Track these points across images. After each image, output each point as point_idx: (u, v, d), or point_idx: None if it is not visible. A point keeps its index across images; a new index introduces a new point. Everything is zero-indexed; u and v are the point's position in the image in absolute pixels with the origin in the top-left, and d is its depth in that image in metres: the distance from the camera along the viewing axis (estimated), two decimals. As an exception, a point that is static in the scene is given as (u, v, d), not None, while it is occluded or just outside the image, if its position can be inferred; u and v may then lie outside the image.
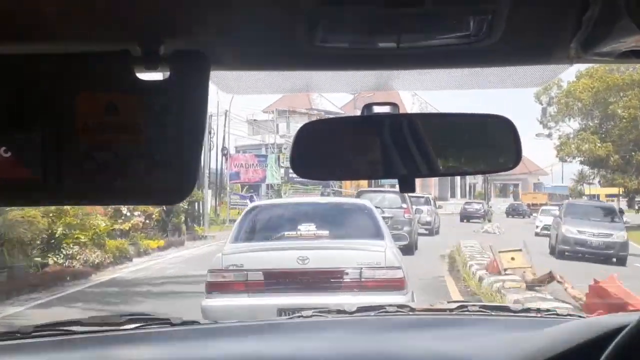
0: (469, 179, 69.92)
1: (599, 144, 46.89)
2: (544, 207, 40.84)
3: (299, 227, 8.79)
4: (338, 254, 8.22)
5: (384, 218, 23.05)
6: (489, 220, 47.38)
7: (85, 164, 1.24)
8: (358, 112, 1.51)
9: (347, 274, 7.99)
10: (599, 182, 56.97)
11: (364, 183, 31.07)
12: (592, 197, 54.09)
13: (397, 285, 8.00)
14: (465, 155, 1.60)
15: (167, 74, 1.25)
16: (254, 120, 51.50)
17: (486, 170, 1.67)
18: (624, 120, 44.97)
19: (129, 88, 1.24)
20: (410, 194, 26.48)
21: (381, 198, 24.00)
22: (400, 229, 22.78)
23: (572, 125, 50.64)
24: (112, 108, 1.23)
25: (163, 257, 22.62)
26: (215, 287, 8.21)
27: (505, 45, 1.28)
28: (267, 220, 9.30)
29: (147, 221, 25.02)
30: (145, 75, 1.26)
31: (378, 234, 8.80)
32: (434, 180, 56.48)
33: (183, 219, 29.27)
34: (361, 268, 7.99)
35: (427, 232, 30.79)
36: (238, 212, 23.12)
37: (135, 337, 2.44)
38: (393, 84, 1.57)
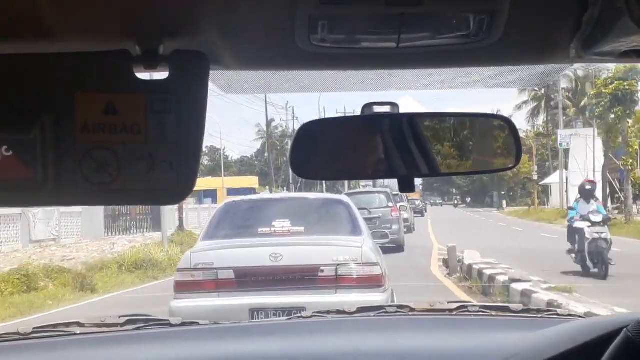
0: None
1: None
2: None
3: (273, 223, 8.20)
4: (312, 250, 7.64)
5: (371, 219, 22.49)
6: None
7: (84, 164, 1.23)
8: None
9: (322, 270, 7.42)
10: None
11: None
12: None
13: (374, 282, 7.44)
14: (465, 155, 1.59)
15: (167, 74, 1.25)
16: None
17: (486, 170, 1.66)
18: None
19: (128, 88, 1.23)
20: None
21: (367, 199, 23.67)
22: (389, 228, 22.43)
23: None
24: (111, 108, 1.23)
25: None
26: (183, 287, 7.63)
27: (505, 45, 1.28)
28: (240, 217, 8.69)
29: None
30: (144, 75, 1.26)
31: (355, 230, 8.22)
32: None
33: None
34: (337, 265, 7.42)
35: (405, 229, 29.86)
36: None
37: (134, 338, 2.43)
38: (393, 84, 1.57)
